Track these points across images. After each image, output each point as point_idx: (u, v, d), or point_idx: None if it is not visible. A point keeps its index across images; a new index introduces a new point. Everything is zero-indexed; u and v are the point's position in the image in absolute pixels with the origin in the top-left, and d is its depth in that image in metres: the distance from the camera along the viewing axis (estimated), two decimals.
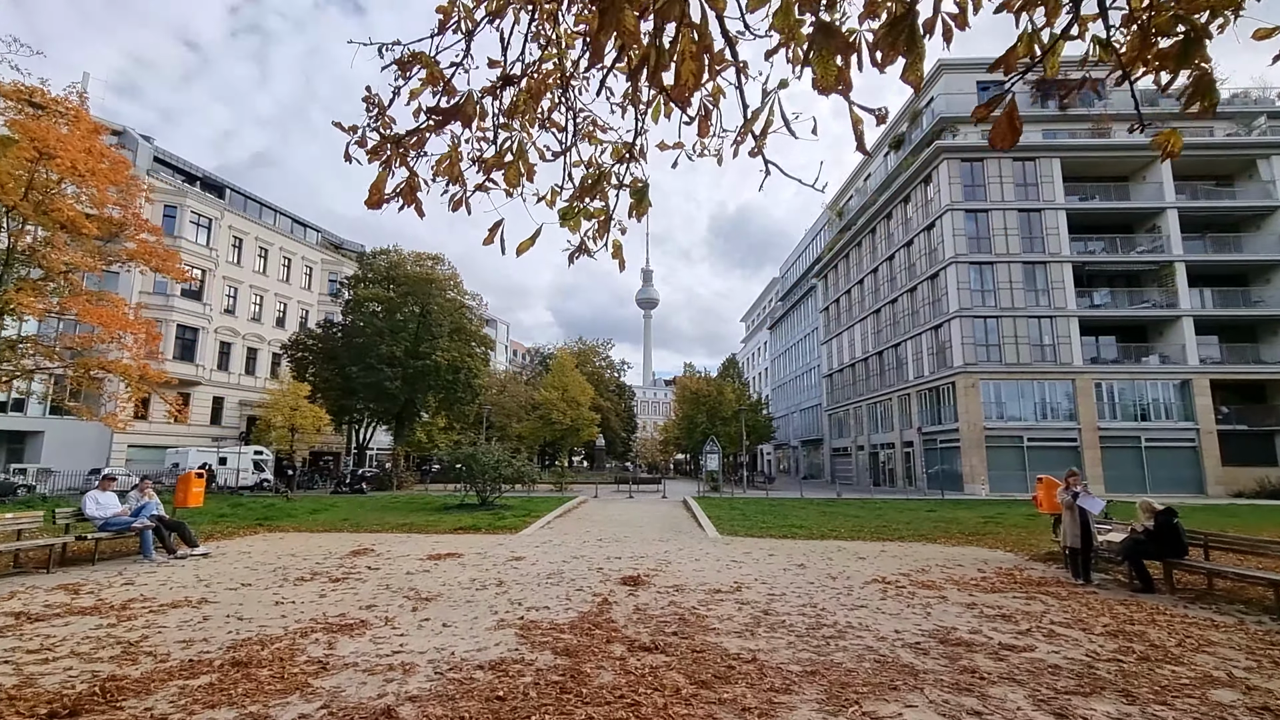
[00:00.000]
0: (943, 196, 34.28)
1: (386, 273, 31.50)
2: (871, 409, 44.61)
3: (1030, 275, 33.16)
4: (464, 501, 20.11)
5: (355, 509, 18.89)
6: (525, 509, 19.29)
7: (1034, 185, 33.96)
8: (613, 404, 61.10)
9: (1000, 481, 31.16)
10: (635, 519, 17.95)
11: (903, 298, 39.23)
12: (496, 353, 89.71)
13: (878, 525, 16.12)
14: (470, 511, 18.53)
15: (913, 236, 37.68)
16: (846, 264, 50.21)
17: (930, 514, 20.11)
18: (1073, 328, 32.51)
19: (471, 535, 13.64)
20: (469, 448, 19.93)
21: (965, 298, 32.85)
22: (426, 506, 20.25)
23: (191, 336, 41.28)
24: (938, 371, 34.73)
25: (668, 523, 16.95)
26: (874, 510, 21.32)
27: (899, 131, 41.75)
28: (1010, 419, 32.16)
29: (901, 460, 39.35)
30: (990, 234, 33.48)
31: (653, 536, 13.85)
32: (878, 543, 13.14)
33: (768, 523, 16.34)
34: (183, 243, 40.35)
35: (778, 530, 14.80)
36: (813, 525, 15.84)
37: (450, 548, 11.49)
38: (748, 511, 19.79)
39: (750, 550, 11.69)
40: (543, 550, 11.39)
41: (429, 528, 14.56)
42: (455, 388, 31.25)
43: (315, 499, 22.86)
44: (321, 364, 30.52)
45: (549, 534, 14.04)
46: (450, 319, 32.81)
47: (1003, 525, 16.39)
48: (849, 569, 9.70)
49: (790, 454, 66.62)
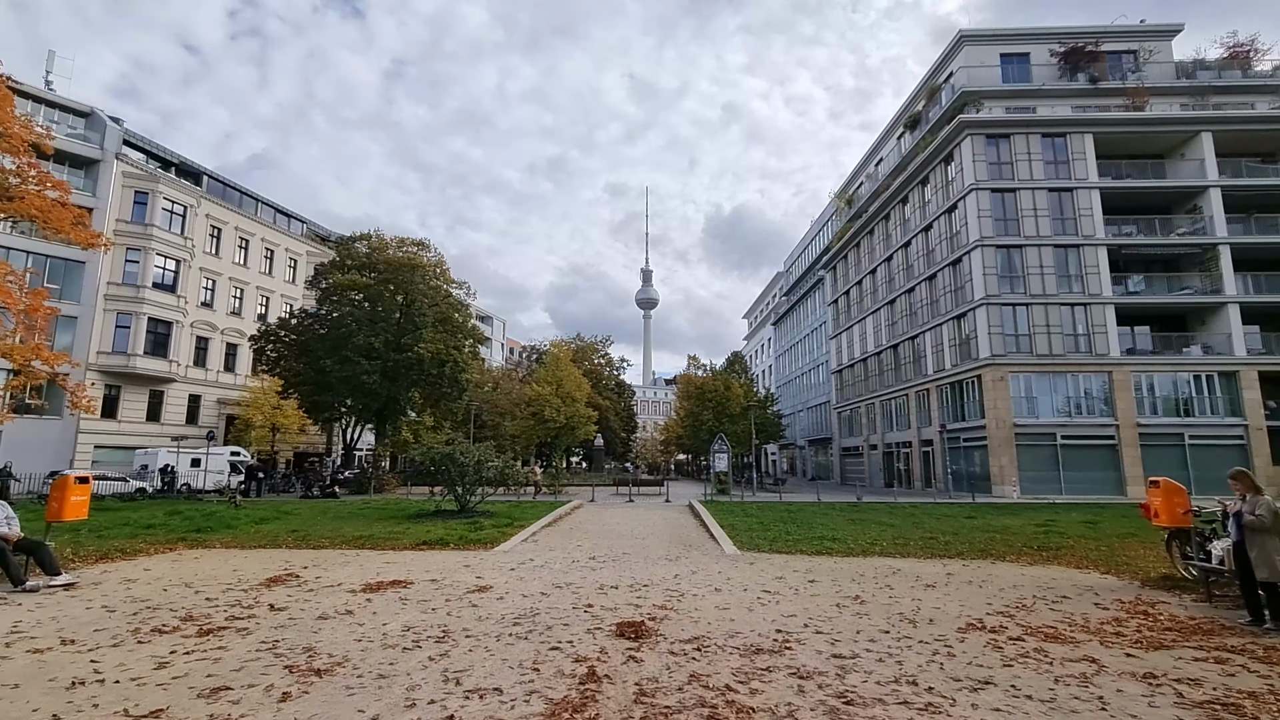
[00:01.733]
0: (966, 175, 31.78)
1: (366, 258, 29.03)
2: (885, 406, 42.10)
3: (1062, 259, 30.66)
4: (440, 508, 17.63)
5: (314, 517, 16.41)
6: (509, 517, 16.81)
7: (1065, 162, 31.47)
8: (612, 403, 58.59)
9: (1032, 482, 28.65)
10: (636, 529, 15.46)
11: (920, 286, 36.73)
12: (492, 350, 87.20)
13: (922, 537, 13.64)
14: (445, 520, 16.04)
15: (932, 220, 35.19)
16: (857, 254, 47.70)
17: (971, 520, 17.63)
18: (1109, 316, 30.01)
19: (435, 552, 11.14)
20: (443, 446, 17.45)
21: (992, 284, 30.35)
22: (397, 514, 17.76)
23: (164, 330, 38.77)
24: (961, 364, 32.23)
25: (675, 534, 14.45)
26: (906, 516, 18.83)
27: (914, 110, 39.29)
28: (1042, 415, 29.64)
29: (920, 460, 36.83)
30: (1019, 215, 30.97)
31: (658, 553, 11.35)
32: (935, 561, 10.66)
33: (792, 534, 13.85)
34: (154, 231, 37.95)
35: (807, 544, 12.30)
36: (846, 537, 13.35)
37: (400, 572, 9.00)
38: (765, 519, 17.31)
39: (783, 574, 9.20)
40: (518, 575, 8.89)
41: (388, 542, 12.07)
42: (440, 383, 28.72)
43: (275, 505, 20.37)
44: (295, 357, 28.01)
45: (531, 550, 11.54)
46: (435, 309, 30.31)
47: (1067, 536, 13.91)
48: (923, 605, 7.21)
49: (797, 454, 64.10)
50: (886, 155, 44.18)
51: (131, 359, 36.84)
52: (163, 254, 38.93)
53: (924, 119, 37.75)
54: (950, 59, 35.58)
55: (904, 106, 41.13)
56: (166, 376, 38.54)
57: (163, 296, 38.46)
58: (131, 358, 36.85)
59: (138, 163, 39.80)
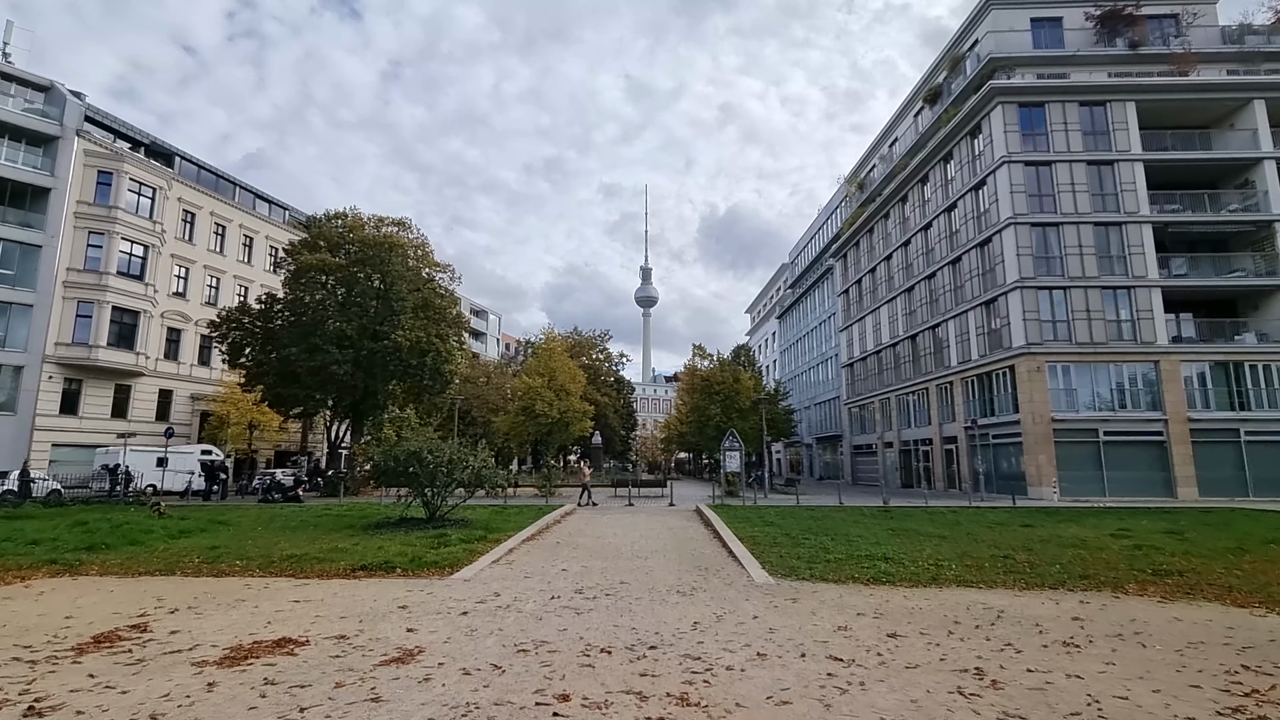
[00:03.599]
0: (996, 148, 29.07)
1: (339, 239, 26.33)
2: (902, 401, 39.42)
3: (1103, 238, 27.96)
4: (405, 515, 14.96)
5: (252, 529, 13.74)
6: (485, 527, 14.13)
7: (1104, 133, 28.75)
8: (611, 399, 55.84)
9: (1071, 483, 25.98)
10: (637, 543, 12.77)
11: (943, 271, 34.03)
12: (487, 345, 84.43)
13: (991, 554, 10.97)
14: (407, 531, 13.37)
15: (956, 199, 32.48)
16: (869, 240, 44.99)
17: (1030, 530, 14.97)
18: (1155, 300, 27.32)
19: (374, 582, 8.45)
20: (407, 443, 14.80)
21: (1026, 265, 27.64)
22: (355, 524, 15.08)
23: (131, 321, 36.02)
24: (991, 354, 29.55)
25: (685, 551, 11.75)
26: (950, 524, 16.17)
27: (935, 83, 36.56)
28: (1082, 409, 26.97)
29: (941, 459, 34.16)
30: (1055, 190, 28.26)
31: (666, 581, 8.66)
32: (1036, 594, 7.99)
33: (830, 550, 11.17)
34: (119, 214, 35.19)
35: (855, 565, 9.63)
36: (898, 554, 10.67)
37: (302, 621, 6.31)
38: (788, 528, 14.63)
39: (845, 620, 6.51)
40: (468, 627, 6.20)
41: (319, 565, 9.39)
42: (421, 375, 26.04)
43: (217, 513, 17.67)
44: (260, 346, 25.31)
45: (501, 577, 8.85)
46: (416, 294, 27.60)
47: (1166, 552, 11.25)
48: (1092, 688, 4.53)
49: (803, 452, 61.44)
50: (902, 134, 41.48)
51: (94, 351, 34.12)
52: (129, 239, 36.19)
53: (946, 91, 35.01)
54: (975, 25, 32.85)
55: (922, 80, 38.40)
56: (133, 370, 35.85)
57: (129, 284, 35.72)
58: (94, 349, 34.13)
59: (102, 141, 37.06)
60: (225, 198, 44.04)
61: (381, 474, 14.52)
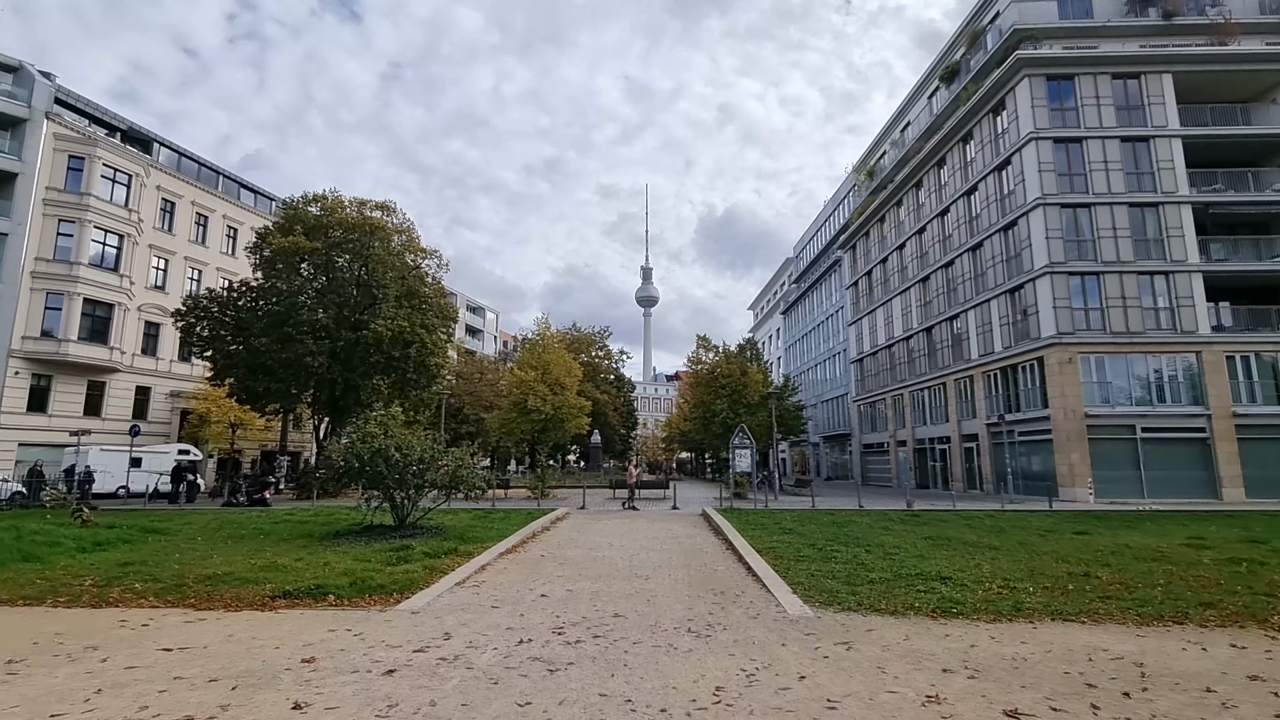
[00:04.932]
0: (1022, 124, 27.08)
1: (316, 221, 24.42)
2: (917, 397, 37.43)
3: (1139, 220, 25.96)
4: (371, 522, 13.04)
5: (186, 540, 11.82)
6: (459, 537, 12.19)
7: (1139, 108, 26.75)
8: (610, 397, 53.88)
9: (1106, 484, 24.00)
10: (637, 557, 10.82)
11: (962, 259, 32.04)
12: (484, 342, 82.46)
13: (1065, 571, 9.02)
14: (368, 542, 11.45)
15: (977, 180, 30.48)
16: (880, 230, 42.99)
17: (1087, 538, 13.01)
18: (1196, 286, 25.33)
19: (289, 616, 6.50)
20: (370, 440, 12.89)
21: (1056, 249, 25.65)
22: (313, 531, 13.16)
23: (104, 314, 34.09)
24: (1017, 345, 27.55)
25: (695, 568, 9.79)
26: (993, 530, 14.21)
27: (951, 60, 34.56)
28: (1118, 403, 24.98)
29: (960, 458, 32.15)
30: (1086, 168, 26.27)
31: (673, 614, 6.69)
32: (1159, 632, 6.04)
33: (870, 566, 9.21)
34: (91, 201, 33.27)
35: (908, 589, 7.68)
36: (953, 573, 8.72)
37: (151, 688, 4.38)
38: (811, 536, 12.68)
39: (929, 683, 4.54)
40: (388, 697, 4.25)
41: (239, 588, 7.46)
42: (405, 368, 24.12)
43: (161, 518, 15.75)
44: (230, 337, 23.39)
45: (460, 608, 6.89)
46: (402, 282, 25.68)
47: (1271, 567, 9.30)
48: None
49: (810, 452, 59.44)
50: (915, 118, 39.48)
51: (64, 345, 32.20)
52: (102, 227, 34.27)
53: (964, 69, 33.01)
54: None
55: (938, 59, 36.41)
56: (107, 366, 33.92)
57: (102, 275, 33.80)
58: (64, 344, 32.21)
59: (73, 124, 35.17)
60: (208, 187, 42.16)
61: (343, 474, 12.62)
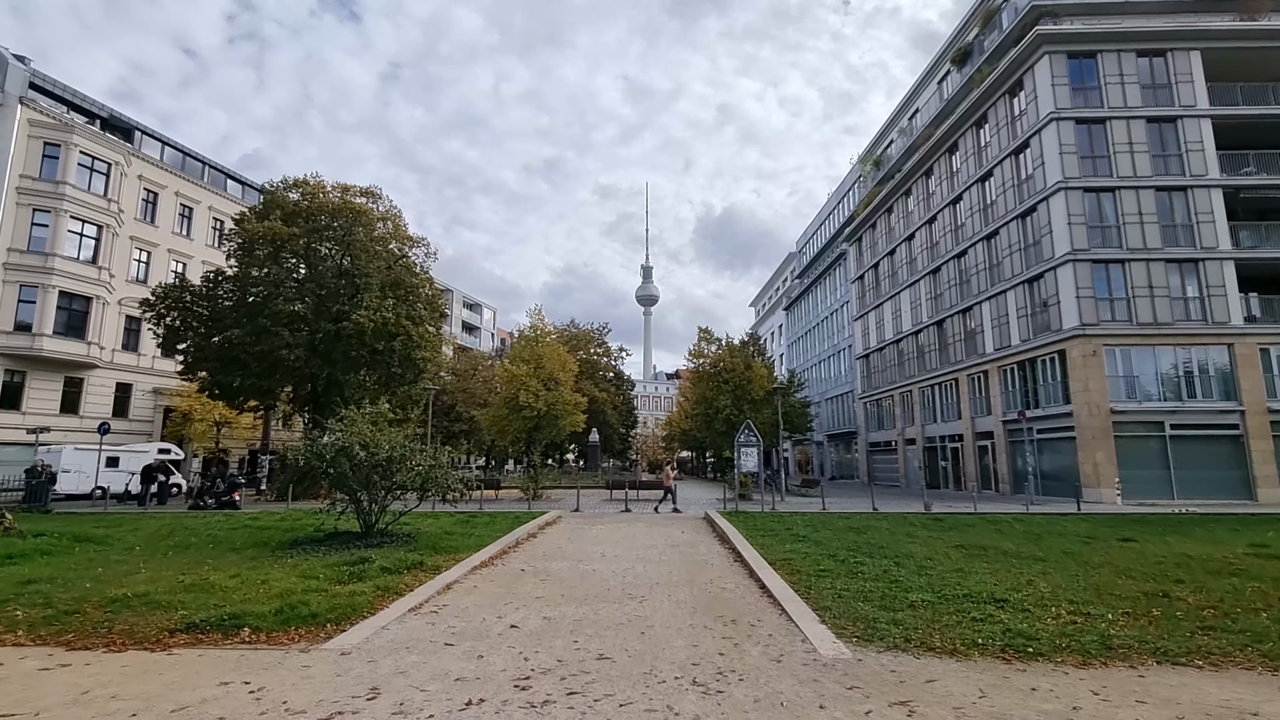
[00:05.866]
0: (1042, 104, 25.63)
1: (295, 207, 23.00)
2: (926, 393, 36.00)
3: (1166, 205, 24.51)
4: (336, 529, 11.62)
5: (122, 549, 10.42)
6: (433, 545, 10.78)
7: (1166, 86, 25.31)
8: (610, 395, 52.42)
9: (1135, 485, 22.59)
10: (632, 571, 9.39)
11: (975, 248, 30.59)
12: (481, 339, 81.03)
13: (1146, 594, 7.60)
14: (327, 553, 10.04)
15: (992, 166, 29.03)
16: (888, 221, 41.55)
17: (1132, 546, 11.61)
18: (1228, 274, 23.89)
19: (180, 659, 5.08)
20: (333, 437, 11.48)
21: (1079, 236, 24.20)
22: (274, 539, 11.74)
23: (82, 307, 32.70)
24: (1036, 338, 26.11)
25: (699, 586, 8.35)
26: (1030, 538, 12.78)
27: (963, 42, 33.10)
28: (1145, 398, 23.55)
29: (974, 456, 30.72)
30: (1110, 150, 24.82)
31: (675, 657, 5.25)
32: None
33: (906, 584, 7.79)
34: (68, 190, 31.87)
35: (960, 617, 6.26)
36: (1006, 592, 7.30)
37: None
38: (829, 545, 11.25)
39: None
40: None
41: (142, 614, 6.05)
42: (390, 362, 22.70)
43: (115, 521, 14.34)
44: (204, 328, 21.97)
45: (403, 647, 5.45)
46: (388, 272, 24.26)
47: None
48: None
49: (814, 451, 58.02)
50: (924, 105, 38.01)
51: (38, 339, 30.80)
52: (80, 217, 32.86)
53: (977, 50, 31.57)
54: None
55: (948, 42, 34.95)
56: (85, 361, 32.53)
57: (79, 267, 32.41)
58: (38, 338, 30.82)
59: (49, 110, 33.76)
60: (193, 177, 40.76)
61: (304, 475, 11.22)
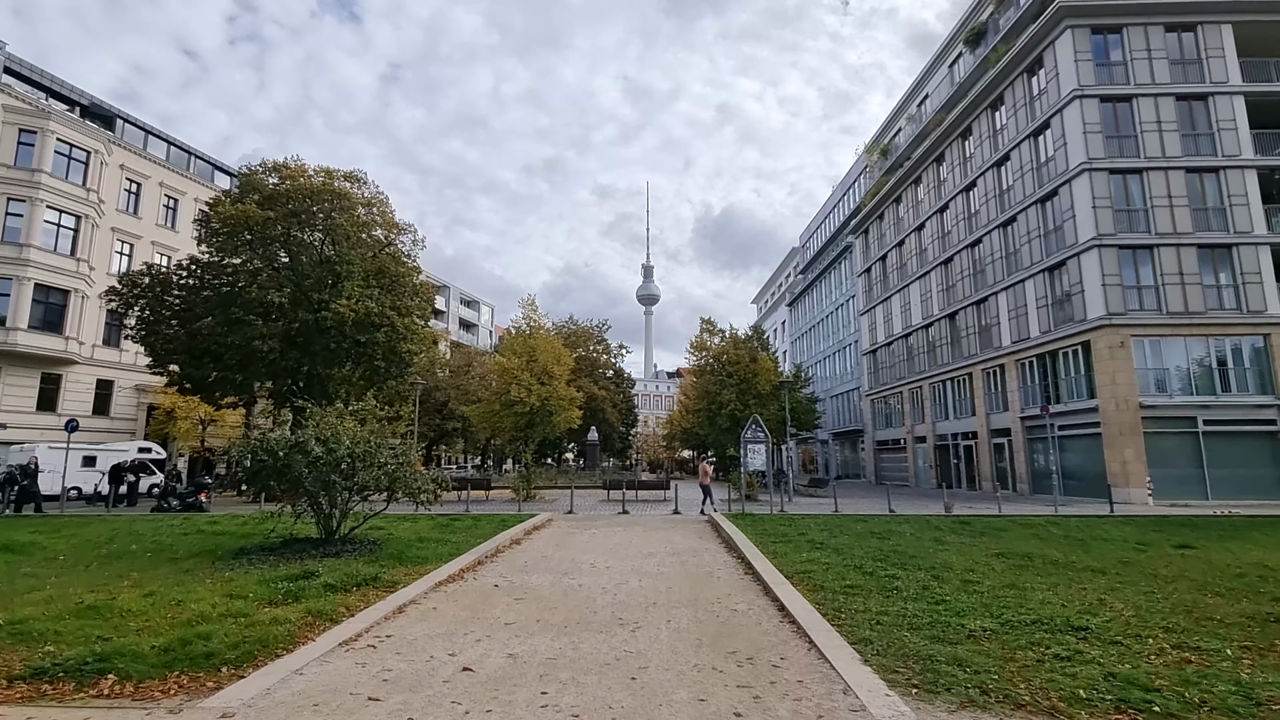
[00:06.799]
0: (1064, 81, 24.22)
1: (274, 191, 21.66)
2: (937, 389, 34.60)
3: (1197, 187, 23.11)
4: (293, 535, 10.26)
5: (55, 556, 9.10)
6: (398, 555, 9.42)
7: (1195, 62, 23.90)
8: (609, 393, 51.07)
9: (1166, 484, 21.19)
10: (625, 588, 8.02)
11: (990, 236, 29.18)
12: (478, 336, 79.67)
13: (1252, 617, 6.23)
14: (276, 563, 8.70)
15: (1009, 149, 27.62)
16: (896, 211, 40.14)
17: (1192, 553, 10.24)
18: (1263, 260, 22.47)
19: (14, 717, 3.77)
20: (273, 432, 10.14)
21: (1105, 220, 22.79)
22: (224, 545, 10.40)
23: (59, 301, 31.39)
24: (1057, 329, 24.71)
25: (705, 611, 6.94)
26: (1073, 544, 11.40)
27: (977, 21, 31.67)
28: (1177, 392, 22.15)
29: (989, 454, 29.30)
30: (1137, 130, 23.41)
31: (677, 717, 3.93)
32: None
33: (955, 605, 6.42)
34: (44, 178, 30.57)
35: (1036, 653, 4.88)
36: (1084, 617, 5.94)
37: None
38: (851, 553, 9.87)
39: None
40: None
41: (22, 648, 4.73)
42: (372, 354, 21.37)
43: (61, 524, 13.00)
44: (175, 319, 20.64)
45: (313, 702, 4.06)
46: (373, 259, 22.93)
47: None
48: None
49: (819, 449, 56.62)
50: (934, 90, 36.60)
51: (11, 333, 29.54)
52: (56, 207, 31.58)
53: (991, 29, 30.15)
54: None
55: (960, 23, 33.51)
56: (63, 357, 31.23)
57: (57, 259, 31.12)
58: (12, 332, 29.56)
59: (25, 96, 32.47)
60: (178, 168, 39.47)
61: (251, 476, 9.86)
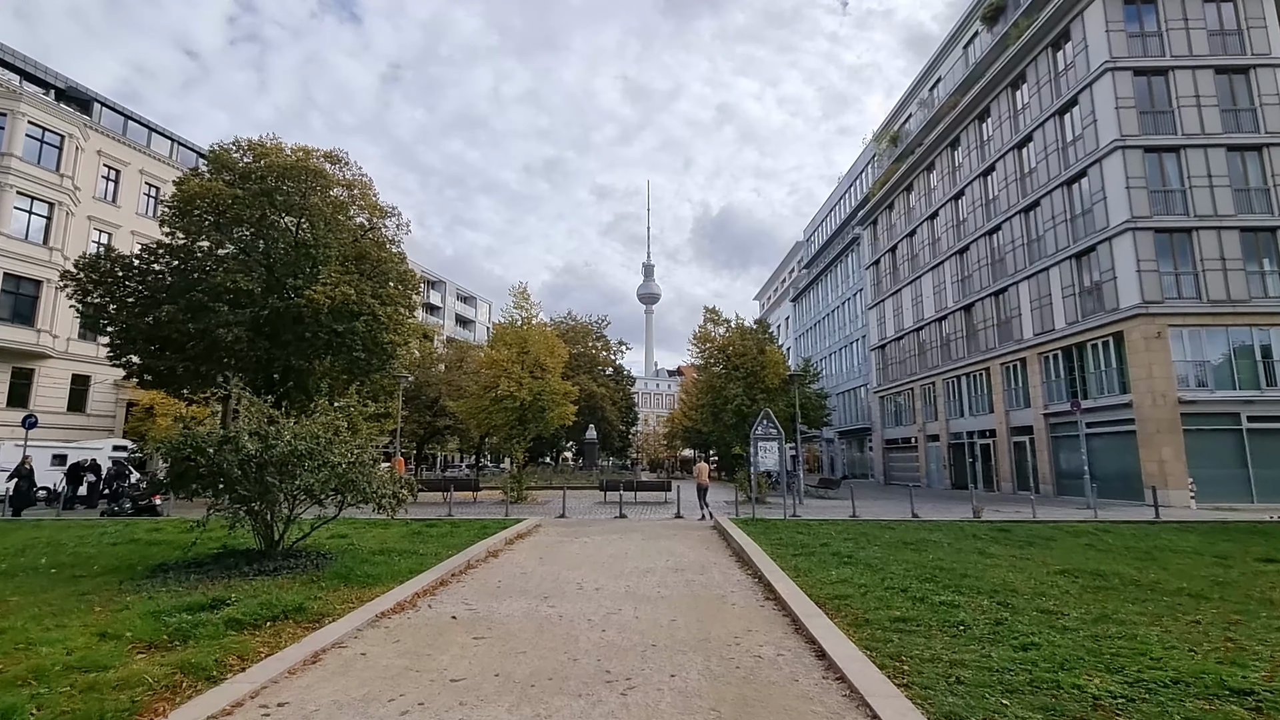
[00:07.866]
0: (1094, 54, 22.60)
1: (246, 169, 20.13)
2: (952, 385, 32.98)
3: (1239, 166, 21.49)
4: (228, 546, 8.67)
5: None
6: (344, 573, 7.81)
7: (1235, 33, 22.27)
8: (609, 390, 49.49)
9: (1207, 485, 19.58)
10: (613, 623, 6.42)
11: (1011, 223, 27.55)
12: (475, 333, 78.01)
13: None
14: (197, 582, 7.12)
15: (1031, 129, 25.98)
16: (906, 200, 38.51)
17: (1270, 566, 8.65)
18: None
19: None
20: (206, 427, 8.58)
21: (1139, 202, 21.17)
22: (149, 557, 8.83)
23: (30, 291, 29.83)
24: (1085, 319, 23.09)
25: (721, 662, 5.33)
26: (1140, 556, 9.79)
27: None
28: (1218, 387, 20.53)
29: (1009, 454, 27.69)
30: (1174, 105, 21.78)
31: None
32: None
33: (1045, 645, 4.83)
34: (13, 162, 29.00)
35: None
36: (1224, 670, 4.36)
37: None
38: (888, 569, 8.27)
39: None
40: None
41: None
42: (352, 345, 19.83)
43: None
44: (142, 305, 19.08)
45: None
46: (353, 244, 21.37)
47: None
48: None
49: (824, 448, 55.01)
50: (947, 72, 34.95)
51: None
52: (27, 193, 29.98)
53: (1011, 4, 28.49)
54: None
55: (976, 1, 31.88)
56: (34, 351, 29.66)
57: (27, 248, 29.55)
58: None
59: None
60: (160, 154, 37.85)
61: (176, 479, 8.30)
